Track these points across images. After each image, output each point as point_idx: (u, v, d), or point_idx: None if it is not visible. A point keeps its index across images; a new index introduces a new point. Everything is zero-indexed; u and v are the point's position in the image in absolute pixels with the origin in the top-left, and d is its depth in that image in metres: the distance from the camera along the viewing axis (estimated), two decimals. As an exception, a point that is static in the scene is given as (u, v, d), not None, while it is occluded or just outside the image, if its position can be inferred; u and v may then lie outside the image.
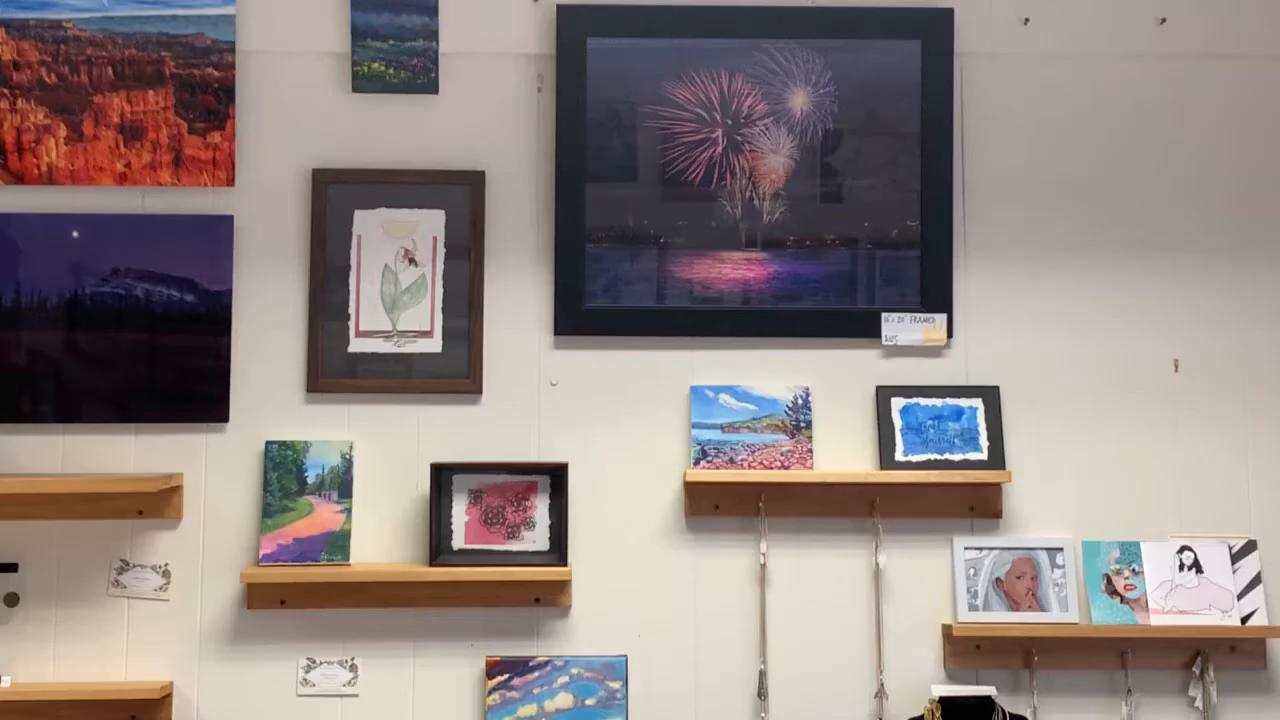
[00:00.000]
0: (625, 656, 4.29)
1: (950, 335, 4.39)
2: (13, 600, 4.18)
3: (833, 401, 4.38)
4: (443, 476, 4.27)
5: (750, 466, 4.32)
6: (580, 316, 4.34)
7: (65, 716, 4.18)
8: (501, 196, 4.37)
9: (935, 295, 4.38)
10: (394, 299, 4.32)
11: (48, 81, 4.29)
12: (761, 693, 4.29)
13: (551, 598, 4.29)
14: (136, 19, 4.32)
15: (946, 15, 4.41)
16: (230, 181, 4.31)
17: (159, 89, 4.30)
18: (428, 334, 4.31)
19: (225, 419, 4.27)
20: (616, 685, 4.28)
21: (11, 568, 4.20)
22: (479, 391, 4.32)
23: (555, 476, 4.30)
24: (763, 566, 4.32)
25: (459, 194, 4.34)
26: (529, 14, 4.37)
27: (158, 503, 4.24)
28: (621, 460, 4.34)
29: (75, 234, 4.27)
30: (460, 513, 4.27)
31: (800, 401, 4.35)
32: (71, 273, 4.27)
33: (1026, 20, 4.44)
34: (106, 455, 4.25)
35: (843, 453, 4.37)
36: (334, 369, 4.30)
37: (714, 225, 4.38)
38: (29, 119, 4.28)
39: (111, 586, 4.24)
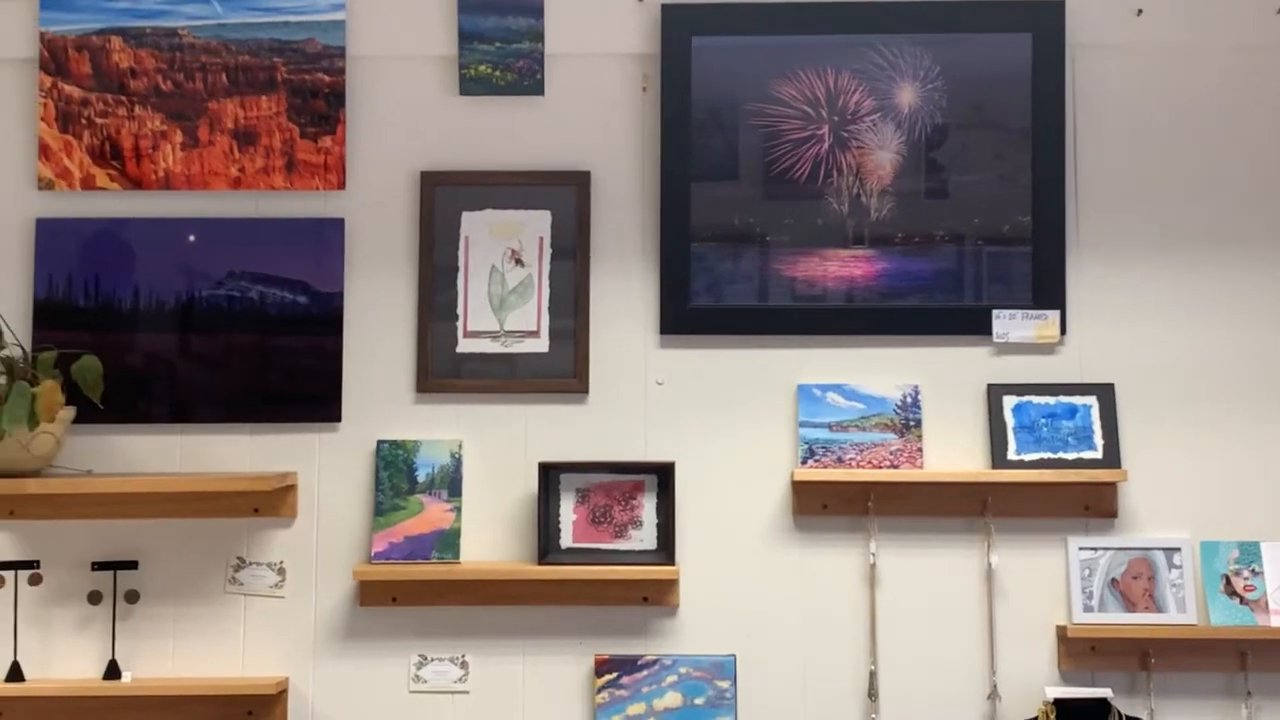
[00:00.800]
0: (734, 656, 3.93)
1: (1063, 332, 3.95)
2: (133, 597, 3.93)
3: (942, 400, 3.97)
4: (550, 476, 3.93)
5: (859, 466, 3.92)
6: (686, 315, 3.98)
7: (185, 711, 3.92)
8: (606, 196, 4.01)
9: (1047, 291, 3.95)
10: (501, 299, 3.98)
11: (164, 89, 4.00)
12: (872, 693, 3.90)
13: (659, 597, 3.93)
14: (249, 26, 4.02)
15: (1058, 7, 3.98)
16: (341, 185, 4.00)
17: (271, 94, 4.00)
18: (534, 334, 3.97)
19: (338, 419, 3.97)
20: (725, 685, 3.91)
21: (132, 565, 3.94)
22: (585, 391, 3.97)
23: (662, 476, 3.94)
24: (872, 566, 3.93)
25: (565, 194, 3.99)
26: (634, 14, 4.00)
27: (273, 501, 3.95)
28: (728, 459, 3.97)
29: (191, 238, 3.99)
30: (568, 511, 3.93)
31: (909, 400, 3.95)
32: (188, 276, 3.99)
33: (1140, 11, 3.98)
34: (222, 455, 3.97)
35: (953, 452, 3.96)
36: (443, 369, 3.98)
37: (820, 223, 3.99)
38: (146, 125, 4.00)
39: (228, 584, 3.96)
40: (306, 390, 3.98)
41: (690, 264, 3.98)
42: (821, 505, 3.95)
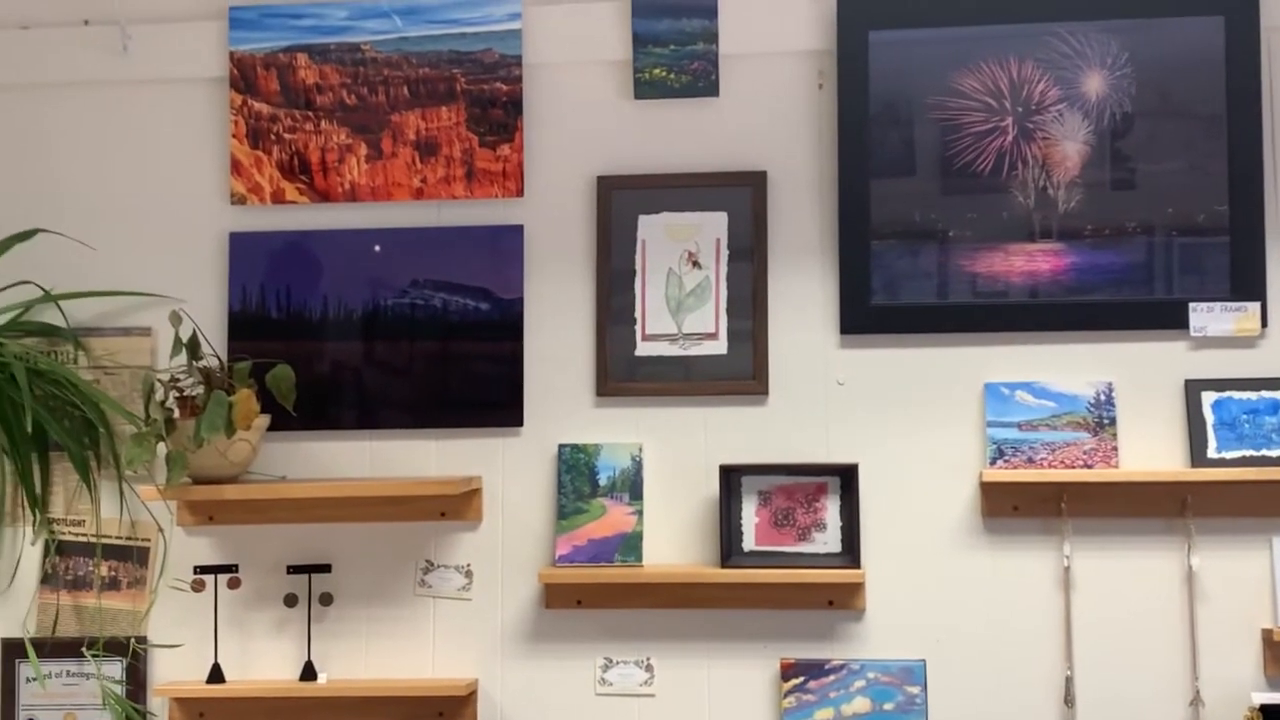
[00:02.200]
0: (923, 661, 3.30)
1: (1264, 325, 3.23)
2: (327, 600, 3.44)
3: (1137, 397, 3.29)
4: (731, 478, 3.34)
5: (1050, 466, 3.26)
6: (866, 314, 3.35)
7: (378, 712, 3.43)
8: (783, 196, 3.40)
9: (1246, 283, 3.25)
10: (679, 302, 3.40)
11: (348, 103, 3.50)
12: (1069, 700, 3.24)
13: (845, 600, 3.32)
14: (429, 38, 3.50)
15: (1252, -12, 3.25)
16: (519, 192, 3.45)
17: (451, 105, 3.47)
18: (713, 336, 3.38)
19: (520, 423, 3.43)
20: (915, 690, 3.28)
21: (325, 568, 3.46)
22: (765, 392, 3.37)
23: (845, 477, 3.33)
24: (1066, 569, 3.26)
25: (741, 195, 3.40)
26: (808, 11, 3.40)
27: (459, 505, 3.43)
28: (913, 460, 3.34)
29: (376, 248, 3.49)
30: (750, 514, 3.33)
31: (1102, 397, 3.27)
32: (373, 285, 3.50)
33: (1340, -13, 3.23)
34: (409, 460, 3.47)
35: (1150, 450, 3.28)
36: (622, 372, 3.41)
37: (1005, 216, 3.33)
38: (332, 139, 3.50)
39: (418, 586, 3.46)
40: (489, 395, 3.46)
41: (870, 262, 3.33)
42: (1012, 507, 3.29)
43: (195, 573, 3.44)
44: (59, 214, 3.54)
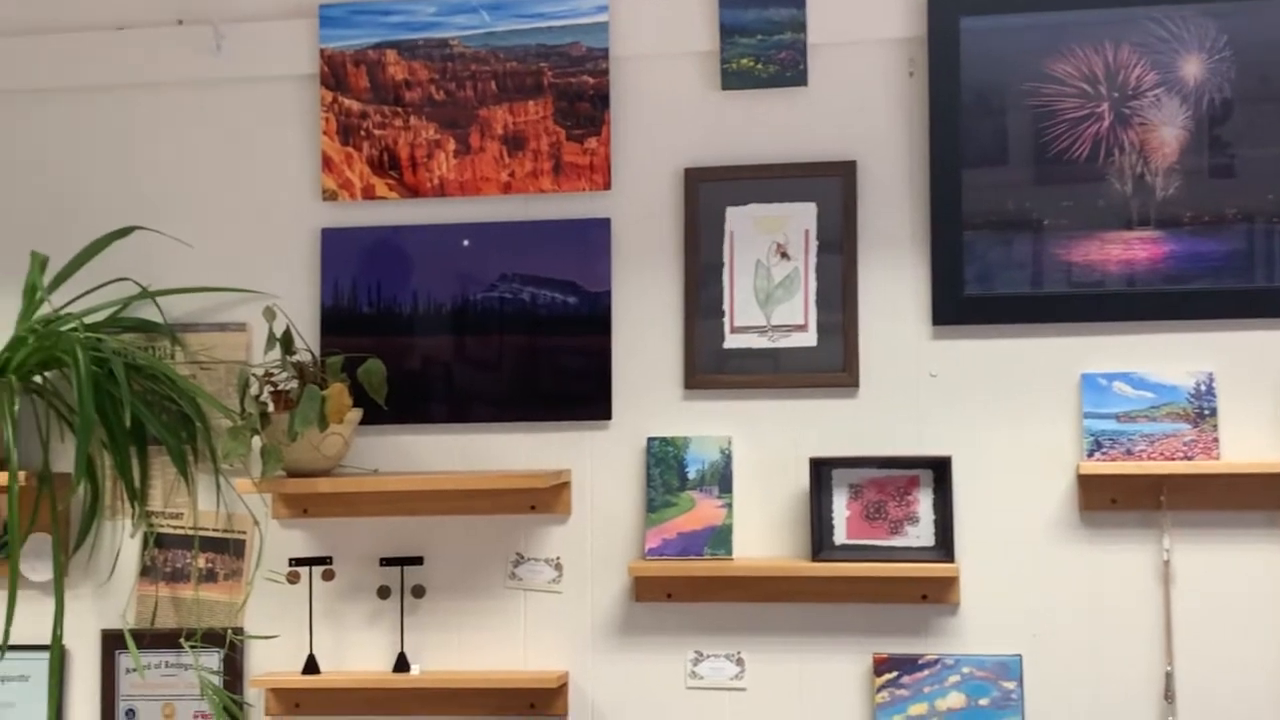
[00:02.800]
0: (1019, 656, 3.06)
1: (1371, 312, 2.95)
2: (419, 592, 3.27)
3: (1239, 387, 3.03)
4: (822, 471, 3.12)
5: (1149, 458, 3.01)
6: (960, 305, 3.11)
7: (470, 703, 3.25)
8: (873, 186, 3.17)
9: (1354, 269, 2.95)
10: (767, 294, 3.17)
11: (437, 98, 3.30)
12: (1168, 695, 2.99)
13: (939, 594, 3.09)
14: (516, 33, 3.30)
15: (1359, -36, 2.96)
16: (607, 185, 3.24)
17: (538, 99, 3.27)
18: (802, 328, 3.16)
19: (608, 416, 3.23)
20: (1011, 685, 3.04)
21: (417, 561, 3.27)
22: (855, 385, 3.13)
23: (938, 470, 3.09)
24: (1166, 563, 3.00)
25: (830, 185, 3.16)
26: (899, -3, 3.13)
27: (548, 498, 3.24)
28: (1008, 452, 3.09)
29: (465, 242, 3.30)
30: (841, 507, 3.11)
31: (1203, 388, 3.01)
32: (462, 280, 3.31)
33: None
34: (498, 453, 3.28)
35: (1253, 442, 3.02)
36: (710, 365, 3.20)
37: (1101, 204, 3.08)
38: (421, 135, 3.31)
39: (508, 579, 3.28)
40: (577, 389, 3.26)
41: (963, 252, 3.09)
42: (1110, 500, 3.04)
43: (290, 565, 3.28)
44: (156, 211, 3.39)
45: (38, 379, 3.34)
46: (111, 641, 3.36)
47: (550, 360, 3.26)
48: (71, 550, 3.36)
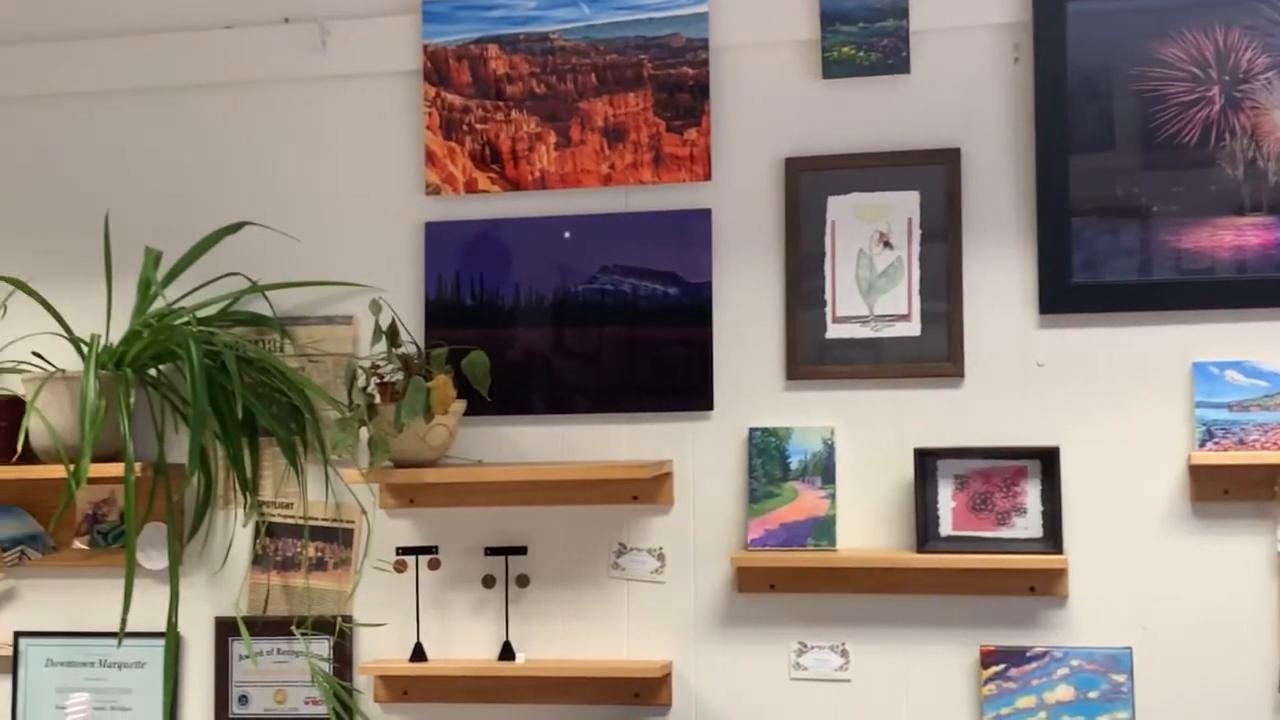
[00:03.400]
0: (1129, 649, 2.93)
1: None
2: (524, 581, 3.21)
3: (1359, 375, 2.83)
4: (927, 462, 3.00)
5: (1263, 447, 2.87)
6: (1067, 293, 2.98)
7: (575, 692, 3.19)
8: (977, 173, 3.04)
9: None
10: (870, 283, 3.06)
11: (537, 92, 3.22)
12: (1282, 690, 2.81)
13: (1047, 586, 2.97)
14: (616, 25, 3.21)
15: None
16: (707, 176, 3.14)
17: (638, 91, 3.17)
18: (905, 317, 3.03)
19: (710, 407, 3.14)
20: (1121, 678, 2.91)
21: (521, 550, 3.22)
22: (960, 375, 3.01)
23: (1046, 460, 2.96)
24: (1279, 554, 2.83)
25: (933, 174, 3.04)
26: (1002, -18, 2.99)
27: (651, 489, 3.16)
28: (1117, 443, 2.96)
29: (566, 235, 3.22)
30: (946, 498, 2.99)
31: (1320, 377, 2.84)
32: (563, 272, 3.24)
33: None
34: (600, 444, 3.21)
35: (1373, 432, 2.81)
36: (812, 355, 3.10)
37: (1212, 190, 2.93)
38: (522, 128, 3.23)
39: (611, 569, 3.20)
40: (679, 380, 3.17)
41: (1070, 239, 2.94)
42: (1223, 490, 2.90)
43: (397, 554, 3.24)
44: (265, 207, 3.36)
45: (152, 372, 3.33)
46: (225, 628, 3.33)
47: (651, 351, 3.18)
48: (186, 539, 3.34)
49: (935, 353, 3.06)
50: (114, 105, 3.47)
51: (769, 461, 3.11)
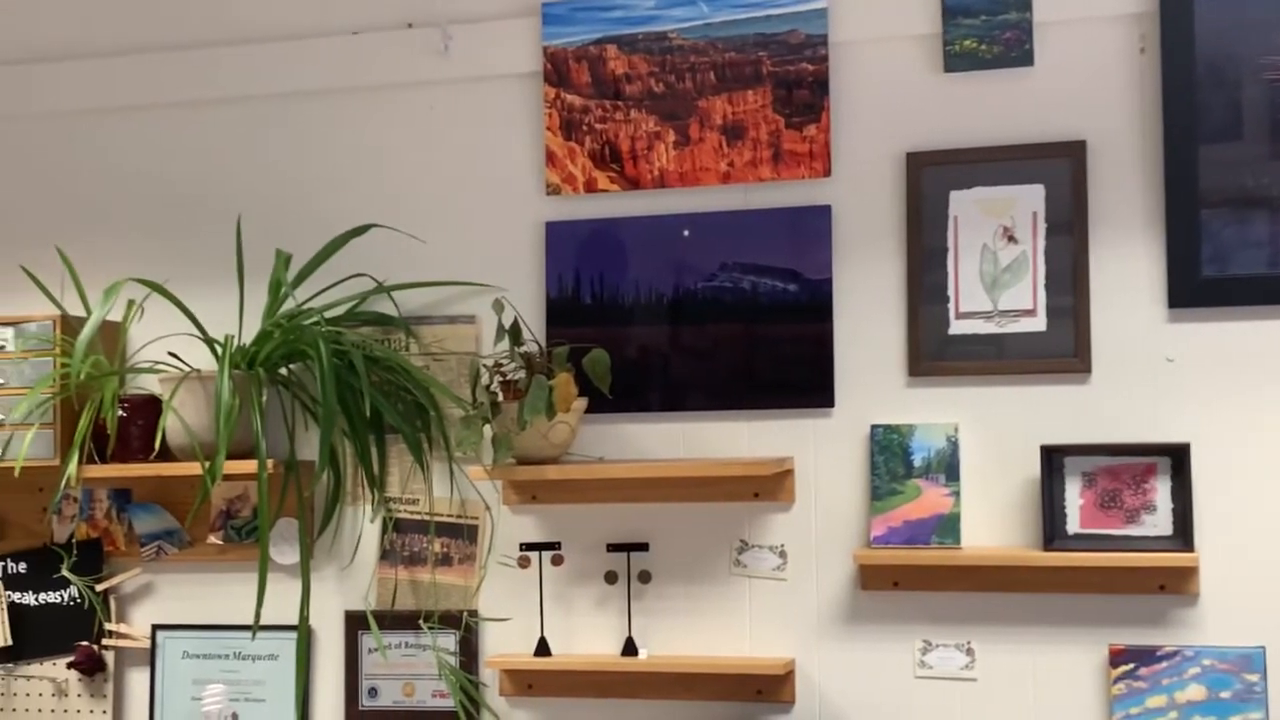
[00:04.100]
0: (1263, 648, 2.87)
1: None
2: (645, 578, 3.24)
3: None
4: (1054, 459, 2.98)
5: (1404, 444, 2.76)
6: (1197, 287, 2.93)
7: (697, 688, 3.21)
8: (1103, 166, 3.00)
9: None
10: (994, 279, 3.03)
11: (656, 91, 3.25)
12: None
13: (1177, 585, 2.93)
14: (734, 23, 3.22)
15: None
16: (827, 172, 3.13)
17: (757, 88, 3.18)
18: (1030, 313, 3.00)
19: (831, 404, 3.13)
20: (1254, 678, 2.87)
21: (643, 547, 3.25)
22: (1087, 370, 2.97)
23: (1176, 458, 2.91)
24: None
25: (1058, 166, 3.01)
26: (1128, -29, 2.95)
27: (771, 486, 3.17)
28: (1251, 440, 2.92)
29: (685, 233, 3.24)
30: (1074, 496, 2.96)
31: None
32: (683, 270, 3.27)
33: None
34: (720, 441, 3.23)
35: None
36: (935, 351, 3.08)
37: (1350, 178, 2.83)
38: (641, 128, 3.26)
39: (733, 566, 3.20)
40: (799, 377, 3.18)
41: (1199, 232, 2.89)
42: (1361, 487, 2.81)
43: (521, 550, 3.27)
44: (390, 209, 3.42)
45: (283, 371, 3.40)
46: (354, 622, 3.40)
47: (771, 348, 3.18)
48: (316, 535, 3.41)
49: (1061, 348, 3.02)
50: (244, 112, 3.56)
51: (892, 459, 3.10)
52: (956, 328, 3.09)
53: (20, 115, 3.68)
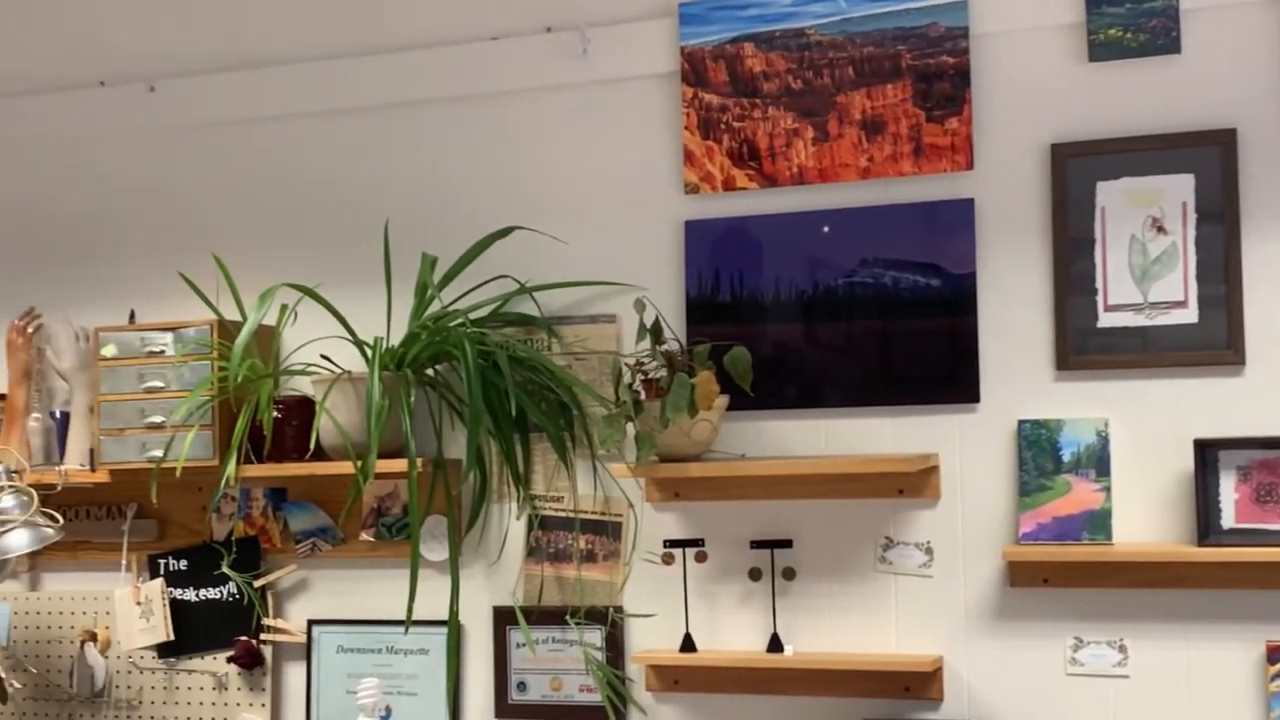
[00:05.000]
0: None
1: None
2: (790, 574, 3.26)
3: None
4: (1207, 453, 2.94)
5: None
6: (1357, 275, 2.83)
7: (843, 685, 3.23)
8: (1255, 153, 2.96)
9: None
10: (1143, 270, 2.99)
11: (794, 87, 3.26)
12: None
13: (1337, 581, 2.83)
14: (873, 17, 3.23)
15: None
16: (969, 165, 3.12)
17: (897, 82, 3.18)
18: (1181, 304, 2.96)
19: (976, 399, 3.12)
20: None
21: (786, 544, 3.27)
22: (1241, 362, 2.94)
23: (1336, 450, 2.82)
24: None
25: (1208, 155, 2.96)
26: (1281, -49, 2.88)
27: (916, 482, 3.17)
28: None
29: (825, 229, 3.25)
30: (1229, 491, 2.92)
31: None
32: (822, 267, 3.28)
33: None
34: (862, 437, 3.24)
35: None
36: (1083, 345, 3.06)
37: None
38: (779, 124, 3.28)
39: (878, 563, 3.20)
40: (943, 372, 3.17)
41: (1359, 218, 2.84)
42: None
43: (665, 546, 3.31)
44: (531, 211, 3.48)
45: (430, 372, 3.47)
46: (503, 617, 3.47)
47: (914, 344, 3.18)
48: (464, 532, 3.48)
49: (1214, 340, 2.97)
50: (389, 119, 3.65)
51: (1040, 454, 3.07)
52: (1105, 320, 3.05)
53: (177, 126, 3.82)
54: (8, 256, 3.97)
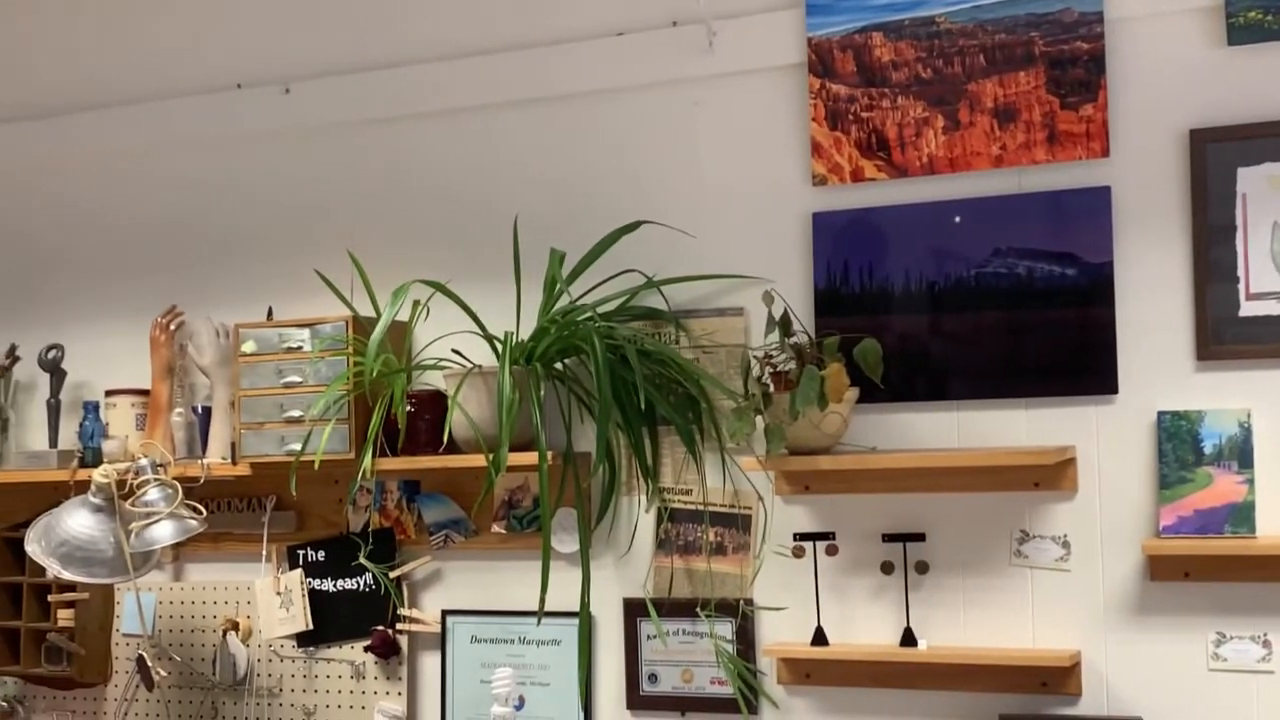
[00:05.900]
0: None
1: None
2: (923, 568, 3.25)
3: None
4: (1356, 444, 2.82)
5: None
6: None
7: (979, 680, 3.21)
8: None
9: None
10: (1288, 258, 2.92)
11: (924, 76, 3.25)
12: None
13: None
14: (1004, 4, 3.22)
15: None
16: (1105, 152, 3.08)
17: (1029, 69, 3.15)
18: (1329, 292, 2.89)
19: (1114, 390, 3.08)
20: None
21: (919, 537, 3.26)
22: (1393, 351, 2.83)
23: None
24: None
25: (1357, 137, 2.86)
26: None
27: (1053, 475, 3.14)
28: None
29: (956, 219, 3.23)
30: (1379, 483, 2.81)
31: None
32: (954, 257, 3.26)
33: None
34: (996, 429, 3.21)
35: None
36: (1224, 334, 3.01)
37: None
38: (909, 114, 3.27)
39: (1013, 556, 3.18)
40: (1080, 363, 3.13)
41: None
42: None
43: (795, 540, 3.32)
44: (659, 205, 3.51)
45: (559, 366, 3.52)
46: (633, 609, 3.51)
47: (1048, 334, 3.15)
48: (594, 524, 3.52)
49: (1361, 328, 2.90)
50: (518, 116, 3.70)
51: (1180, 446, 3.02)
52: (1247, 309, 2.99)
53: (311, 127, 3.91)
54: (150, 257, 4.10)
